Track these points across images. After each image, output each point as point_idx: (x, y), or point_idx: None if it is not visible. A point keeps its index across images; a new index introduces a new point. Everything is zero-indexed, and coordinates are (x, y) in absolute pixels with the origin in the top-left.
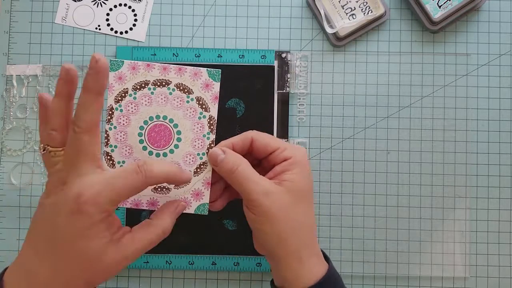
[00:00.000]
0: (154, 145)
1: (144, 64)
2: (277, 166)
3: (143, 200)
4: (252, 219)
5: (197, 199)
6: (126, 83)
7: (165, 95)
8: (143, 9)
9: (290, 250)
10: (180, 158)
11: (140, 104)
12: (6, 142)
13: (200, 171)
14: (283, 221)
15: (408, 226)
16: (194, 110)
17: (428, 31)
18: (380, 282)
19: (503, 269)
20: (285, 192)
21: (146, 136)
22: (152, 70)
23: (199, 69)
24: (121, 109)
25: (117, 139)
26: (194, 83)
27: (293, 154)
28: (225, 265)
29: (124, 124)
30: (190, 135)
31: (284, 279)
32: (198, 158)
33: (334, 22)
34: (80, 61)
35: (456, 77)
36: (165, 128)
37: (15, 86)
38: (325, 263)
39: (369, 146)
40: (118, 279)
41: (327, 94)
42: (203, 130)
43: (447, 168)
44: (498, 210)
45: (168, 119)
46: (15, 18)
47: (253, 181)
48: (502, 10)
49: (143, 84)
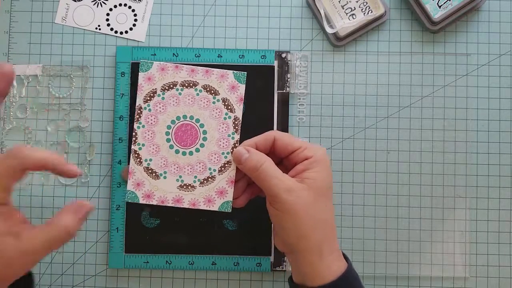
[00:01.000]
0: (180, 144)
1: (172, 66)
2: (298, 164)
3: (169, 197)
4: (275, 215)
5: (221, 196)
6: (155, 84)
7: (192, 96)
8: (143, 9)
9: (311, 245)
10: (205, 157)
11: (168, 104)
12: (6, 142)
13: (225, 169)
14: (304, 217)
15: (408, 226)
16: (220, 111)
17: (428, 31)
18: (380, 282)
19: (503, 269)
20: (307, 189)
21: (173, 135)
22: (180, 71)
23: (225, 71)
24: (149, 109)
25: (145, 137)
26: (220, 85)
27: (314, 153)
28: (225, 265)
29: (152, 123)
30: (215, 135)
31: (304, 274)
32: (223, 157)
33: (334, 22)
34: (80, 61)
35: (456, 77)
36: (192, 127)
37: (15, 86)
38: (344, 261)
39: (369, 146)
40: (118, 279)
41: (327, 94)
42: (228, 130)
43: (447, 168)
44: (498, 210)
45: (194, 119)
46: (15, 18)
47: (277, 178)
48: (502, 10)
49: (171, 85)
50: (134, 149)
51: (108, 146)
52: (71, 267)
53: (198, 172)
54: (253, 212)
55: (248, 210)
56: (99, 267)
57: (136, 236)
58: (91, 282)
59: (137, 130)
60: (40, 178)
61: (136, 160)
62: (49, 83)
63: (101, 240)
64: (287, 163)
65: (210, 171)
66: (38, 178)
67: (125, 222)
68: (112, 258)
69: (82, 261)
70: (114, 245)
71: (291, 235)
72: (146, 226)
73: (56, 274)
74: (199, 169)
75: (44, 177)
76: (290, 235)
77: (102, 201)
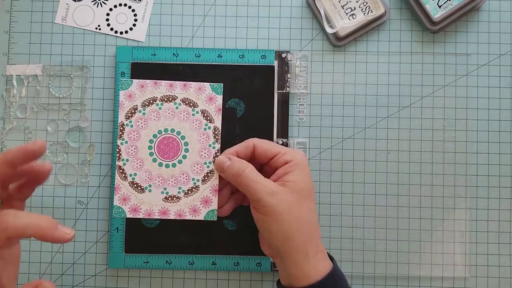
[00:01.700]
0: (163, 157)
1: (151, 82)
2: (279, 169)
3: (155, 210)
4: (259, 219)
5: (206, 206)
6: (135, 100)
7: (172, 110)
8: (143, 9)
9: (297, 246)
10: (188, 168)
11: (149, 119)
12: (6, 142)
13: (208, 179)
14: (289, 219)
15: (408, 226)
16: (199, 122)
17: (428, 31)
18: (380, 282)
19: (503, 269)
20: (289, 192)
21: (155, 148)
22: (159, 87)
23: (202, 84)
24: (131, 125)
25: (128, 153)
26: (198, 97)
27: (293, 157)
28: (225, 265)
29: (134, 139)
30: (197, 146)
31: (290, 275)
32: (205, 166)
33: (334, 22)
34: (80, 61)
35: (456, 77)
36: (173, 140)
37: (15, 86)
38: (329, 261)
39: (369, 146)
40: (118, 279)
41: (327, 94)
42: (208, 140)
43: (447, 168)
44: (498, 210)
45: (175, 132)
46: (15, 18)
47: (259, 183)
48: (502, 10)
49: (151, 101)
50: (118, 164)
51: (108, 146)
52: (71, 267)
53: (182, 183)
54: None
55: (248, 210)
56: (99, 267)
57: (136, 236)
58: (91, 282)
59: (120, 146)
60: None
61: (121, 176)
62: (49, 83)
63: (101, 240)
64: (268, 169)
65: (194, 181)
66: None
67: (125, 222)
68: (112, 258)
69: (82, 261)
70: (114, 245)
71: (276, 237)
72: (146, 226)
73: (56, 274)
74: (182, 180)
75: None
76: (275, 237)
77: (102, 201)
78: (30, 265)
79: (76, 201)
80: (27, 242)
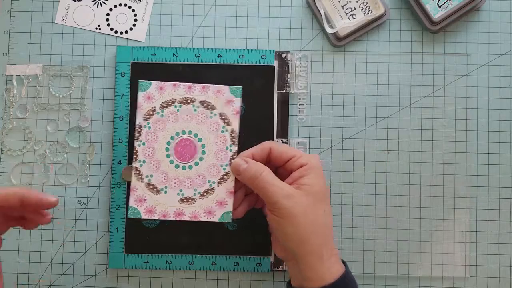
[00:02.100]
0: (180, 159)
1: (170, 84)
2: (294, 172)
3: (170, 211)
4: (275, 221)
5: (221, 207)
6: (154, 102)
7: (190, 112)
8: (143, 9)
9: (312, 249)
10: (204, 170)
11: (167, 121)
12: (6, 142)
13: (224, 181)
14: (304, 222)
15: (408, 226)
16: (217, 125)
17: (428, 31)
18: (380, 282)
19: (503, 269)
20: (304, 195)
21: (172, 150)
22: (178, 89)
23: (222, 86)
24: (149, 127)
25: (146, 154)
26: (217, 100)
27: (308, 160)
28: (225, 265)
29: (152, 141)
30: (213, 148)
31: (305, 278)
32: (222, 169)
33: (334, 22)
34: (80, 61)
35: (456, 77)
36: (190, 142)
37: (15, 86)
38: (342, 264)
39: (369, 146)
40: (118, 279)
41: (327, 94)
42: (225, 143)
43: (447, 168)
44: (498, 210)
45: (193, 134)
46: (15, 18)
47: (276, 185)
48: (502, 10)
49: (170, 102)
50: (135, 166)
51: (108, 146)
52: (71, 267)
53: (198, 185)
54: (253, 212)
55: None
56: (99, 267)
57: (136, 236)
58: (91, 282)
59: (137, 148)
60: (40, 178)
61: (137, 177)
62: (49, 83)
63: (101, 240)
64: (282, 171)
65: (210, 183)
66: (38, 178)
67: (125, 222)
68: (112, 258)
69: (82, 261)
70: (114, 245)
71: (292, 240)
72: (146, 226)
73: (56, 274)
74: (198, 182)
75: (45, 177)
76: (291, 240)
77: (102, 201)
78: (30, 265)
79: (76, 201)
80: (27, 242)
